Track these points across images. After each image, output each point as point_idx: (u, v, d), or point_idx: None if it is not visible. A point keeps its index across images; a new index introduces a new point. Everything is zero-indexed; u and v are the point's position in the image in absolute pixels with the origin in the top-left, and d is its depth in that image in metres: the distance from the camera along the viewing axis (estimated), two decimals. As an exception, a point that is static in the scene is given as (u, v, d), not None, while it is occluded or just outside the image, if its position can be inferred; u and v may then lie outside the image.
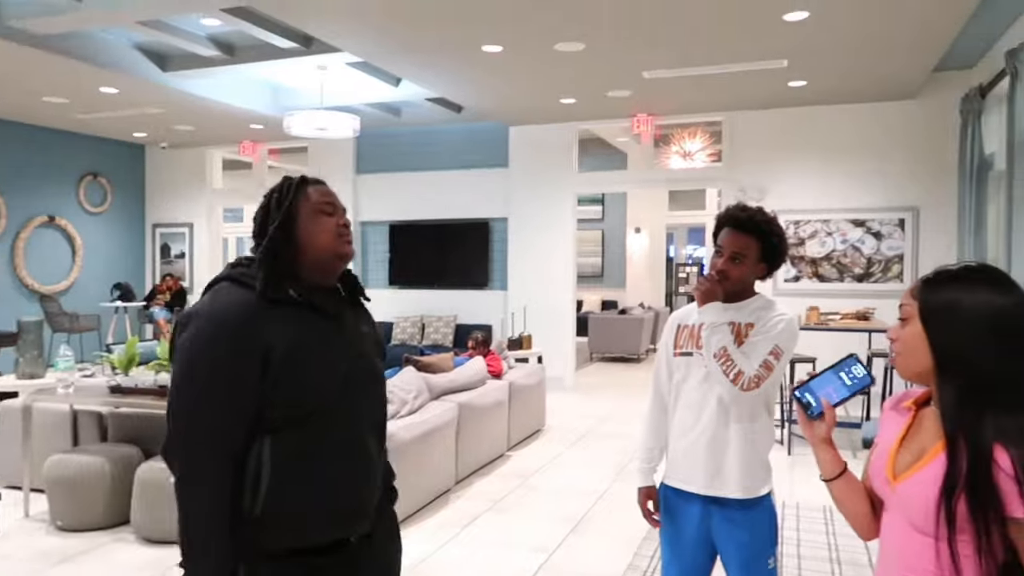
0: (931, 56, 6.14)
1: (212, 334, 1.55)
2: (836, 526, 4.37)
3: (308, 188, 1.72)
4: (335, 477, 1.62)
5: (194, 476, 1.53)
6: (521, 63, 6.33)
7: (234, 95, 8.19)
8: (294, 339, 1.58)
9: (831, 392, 1.44)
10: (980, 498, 1.17)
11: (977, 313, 1.24)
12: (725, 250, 2.20)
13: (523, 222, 9.17)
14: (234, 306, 1.58)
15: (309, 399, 1.59)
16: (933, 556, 1.23)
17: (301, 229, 1.66)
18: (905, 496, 1.29)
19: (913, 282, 1.35)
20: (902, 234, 7.60)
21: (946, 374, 1.26)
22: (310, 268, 1.67)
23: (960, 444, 1.20)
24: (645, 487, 2.36)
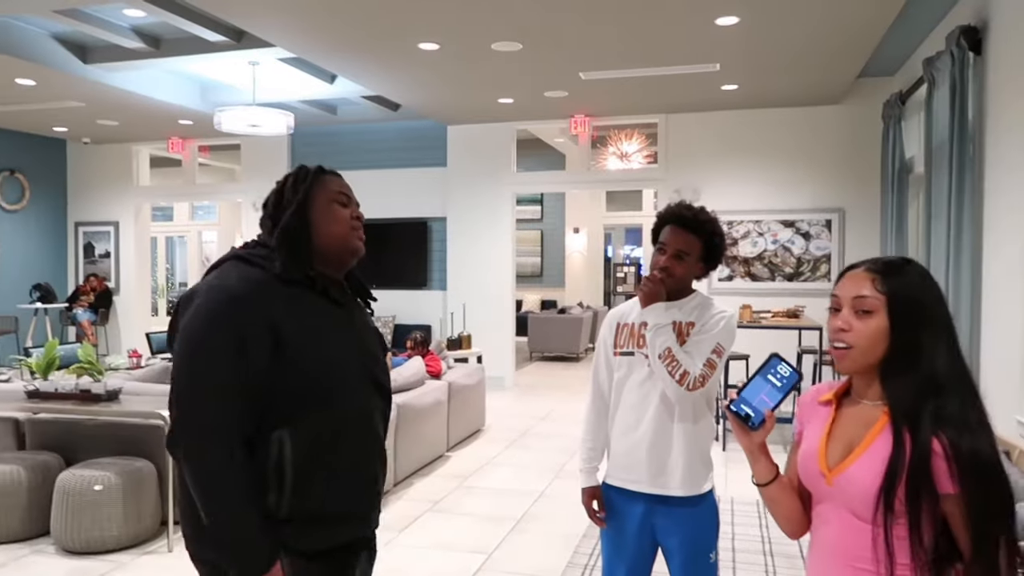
0: (855, 63, 6.36)
1: (218, 307, 1.50)
2: (769, 519, 4.48)
3: (325, 177, 1.70)
4: (357, 468, 1.61)
5: (205, 454, 1.46)
6: (458, 62, 6.30)
7: (161, 90, 7.92)
8: (307, 319, 1.56)
9: (765, 398, 1.42)
10: (919, 483, 1.23)
11: (937, 308, 1.31)
12: (669, 247, 2.20)
13: (462, 221, 9.14)
14: (243, 281, 1.54)
15: (325, 378, 1.56)
16: (870, 542, 1.28)
17: (316, 217, 1.64)
18: (843, 487, 1.32)
19: (856, 272, 1.35)
20: (829, 235, 7.85)
21: (901, 366, 1.29)
22: (321, 258, 1.64)
23: (905, 433, 1.25)
24: (589, 487, 2.35)
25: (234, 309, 1.49)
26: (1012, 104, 4.05)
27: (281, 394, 1.51)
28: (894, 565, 1.26)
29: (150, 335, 8.70)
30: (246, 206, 10.11)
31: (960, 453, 1.22)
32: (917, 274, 1.33)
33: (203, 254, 14.81)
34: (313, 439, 1.53)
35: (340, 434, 1.57)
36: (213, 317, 1.49)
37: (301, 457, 1.51)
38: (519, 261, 11.01)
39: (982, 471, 1.21)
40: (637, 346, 2.25)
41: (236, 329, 1.48)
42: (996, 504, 1.22)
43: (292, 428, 1.51)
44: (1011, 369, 4.00)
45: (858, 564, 1.30)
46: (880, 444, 1.29)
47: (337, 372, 1.58)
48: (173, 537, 4.05)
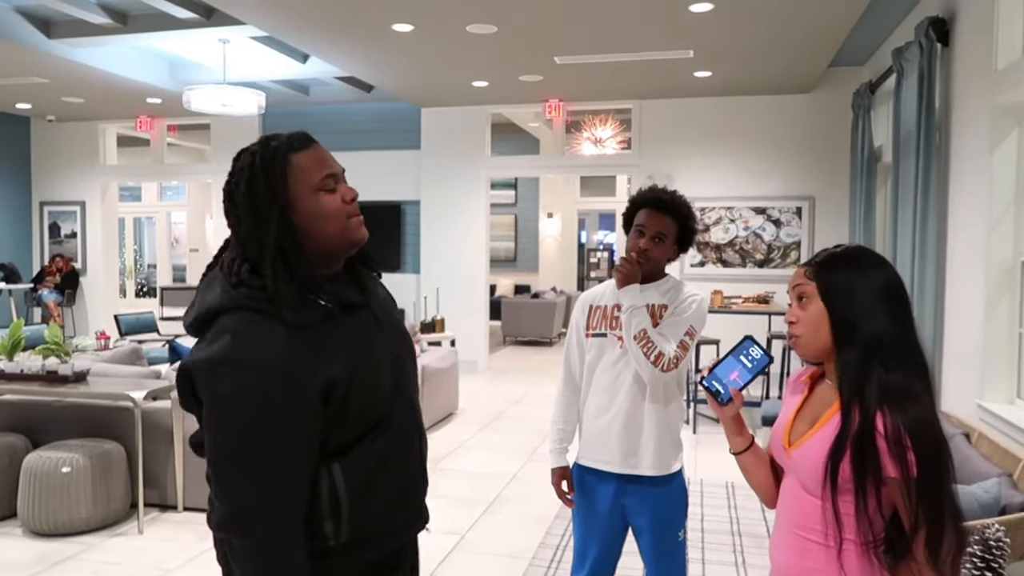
0: (826, 53, 6.43)
1: (261, 388, 1.28)
2: (737, 500, 4.57)
3: (298, 158, 1.36)
4: (410, 472, 1.50)
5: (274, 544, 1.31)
6: (433, 44, 6.26)
7: (128, 67, 7.76)
8: (340, 353, 1.36)
9: (735, 378, 1.50)
10: (863, 457, 1.28)
11: (871, 285, 1.36)
12: (648, 229, 2.23)
13: (436, 205, 9.11)
14: (272, 348, 1.30)
15: (375, 409, 1.41)
16: (820, 516, 1.34)
17: (302, 219, 1.35)
18: (798, 461, 1.39)
19: (800, 266, 1.44)
20: (799, 222, 7.96)
21: (845, 344, 1.35)
22: (318, 260, 1.39)
23: (853, 409, 1.30)
24: (559, 468, 2.39)
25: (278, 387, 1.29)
26: (977, 95, 4.13)
27: (334, 433, 1.36)
28: (842, 540, 1.31)
29: (118, 317, 8.59)
30: (216, 187, 9.98)
31: (902, 430, 1.26)
32: (846, 251, 1.40)
33: (172, 235, 14.61)
34: (365, 462, 1.40)
35: (393, 449, 1.45)
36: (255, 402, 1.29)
37: (355, 483, 1.38)
38: (493, 245, 11.01)
39: (923, 441, 1.25)
40: (610, 328, 2.29)
41: (286, 410, 1.30)
42: (936, 471, 1.25)
43: (342, 458, 1.37)
44: (972, 355, 4.11)
45: (809, 536, 1.37)
46: (833, 423, 1.35)
47: (381, 393, 1.42)
48: (144, 519, 4.03)
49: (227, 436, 1.30)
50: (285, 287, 1.33)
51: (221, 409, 1.30)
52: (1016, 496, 2.49)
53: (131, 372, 4.58)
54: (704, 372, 1.52)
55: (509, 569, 3.62)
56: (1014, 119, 3.85)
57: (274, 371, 1.29)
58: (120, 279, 12.64)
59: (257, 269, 1.35)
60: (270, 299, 1.32)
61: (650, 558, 2.30)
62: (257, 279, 1.34)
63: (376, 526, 1.44)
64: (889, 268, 1.39)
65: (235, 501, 1.31)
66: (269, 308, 1.32)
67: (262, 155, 1.36)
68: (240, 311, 1.32)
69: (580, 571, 2.35)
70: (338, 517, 1.38)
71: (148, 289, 15.33)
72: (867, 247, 1.44)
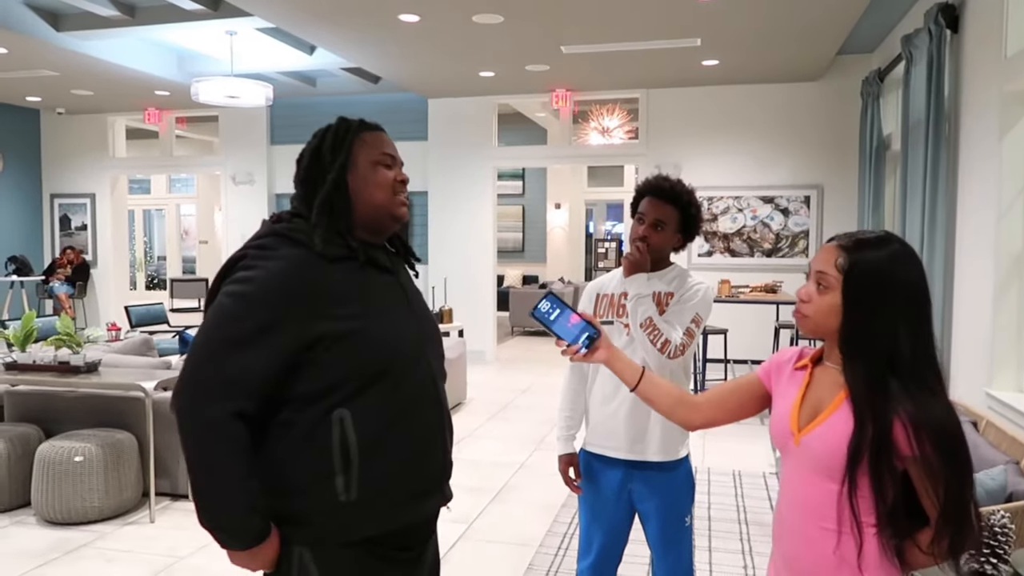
0: (834, 40, 6.39)
1: (259, 289, 1.41)
2: (744, 489, 4.58)
3: (366, 135, 1.58)
4: (427, 436, 1.54)
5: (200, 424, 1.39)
6: (439, 34, 6.26)
7: (136, 59, 7.79)
8: (358, 297, 1.48)
9: (570, 328, 1.58)
10: (880, 459, 1.29)
11: (895, 297, 1.32)
12: (647, 217, 2.26)
13: (443, 196, 9.12)
14: (289, 261, 1.45)
15: (384, 354, 1.48)
16: (834, 502, 1.33)
17: (356, 183, 1.54)
18: (810, 446, 1.37)
19: (829, 244, 1.38)
20: (808, 211, 7.94)
21: (854, 346, 1.34)
22: (362, 224, 1.55)
23: (867, 415, 1.29)
24: (566, 454, 2.40)
25: (276, 300, 1.42)
26: (987, 82, 4.11)
27: (340, 376, 1.44)
28: (861, 524, 1.31)
29: (129, 308, 8.65)
30: (224, 179, 10.02)
31: (923, 425, 1.26)
32: (889, 252, 1.33)
33: (181, 227, 14.67)
34: (377, 416, 1.46)
35: (405, 409, 1.50)
36: (251, 302, 1.42)
37: (366, 435, 1.45)
38: (500, 236, 11.02)
39: (946, 441, 1.26)
40: (617, 315, 2.31)
41: (275, 315, 1.41)
42: (962, 470, 1.27)
43: (354, 407, 1.44)
44: (981, 344, 4.10)
45: (823, 524, 1.36)
46: (843, 411, 1.34)
47: (396, 345, 1.51)
48: (155, 508, 4.07)
49: (209, 316, 1.45)
50: (325, 223, 1.49)
51: (221, 298, 1.45)
52: (1023, 483, 2.49)
53: (142, 363, 4.62)
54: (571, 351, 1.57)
55: (516, 557, 3.65)
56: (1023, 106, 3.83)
57: (274, 275, 1.43)
58: (130, 271, 12.72)
59: (300, 214, 1.53)
60: (306, 231, 1.48)
61: (657, 544, 2.32)
62: (296, 218, 1.53)
63: (388, 488, 1.47)
64: (918, 269, 1.34)
65: (182, 372, 1.43)
66: (296, 236, 1.48)
67: (337, 126, 1.58)
68: (271, 236, 1.50)
69: (586, 558, 2.37)
70: (349, 472, 1.44)
71: (158, 281, 15.40)
72: (906, 244, 1.36)
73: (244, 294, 1.42)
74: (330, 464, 1.44)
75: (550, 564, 3.55)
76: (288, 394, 1.45)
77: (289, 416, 1.45)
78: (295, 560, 1.46)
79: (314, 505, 1.45)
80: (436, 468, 1.59)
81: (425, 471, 1.56)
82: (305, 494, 1.45)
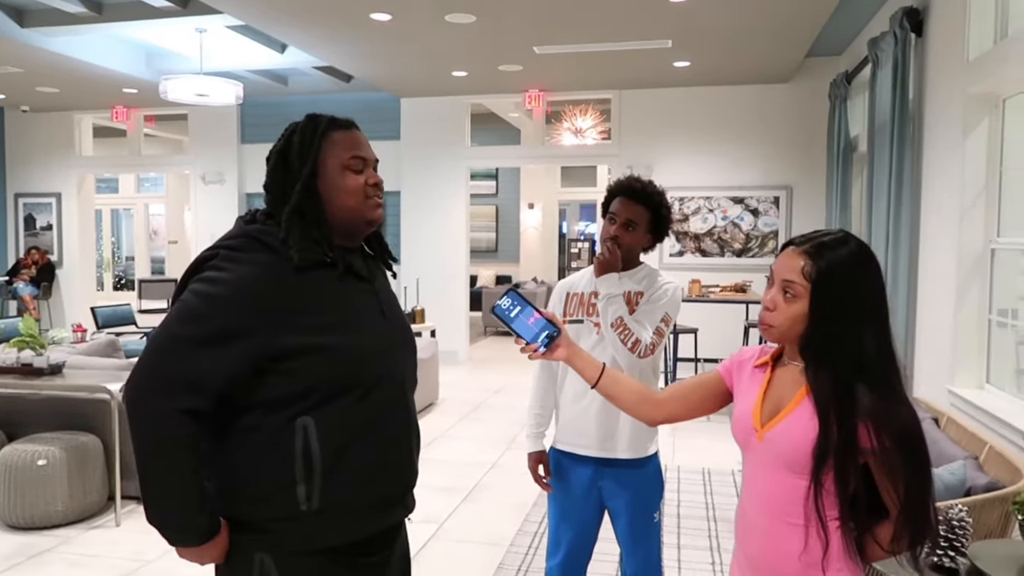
0: (803, 42, 6.47)
1: (222, 290, 1.38)
2: (713, 486, 4.63)
3: (335, 135, 1.51)
4: (391, 447, 1.50)
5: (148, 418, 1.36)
6: (411, 33, 6.24)
7: (104, 56, 7.67)
8: (328, 307, 1.44)
9: (531, 325, 1.57)
10: (845, 461, 1.31)
11: (861, 303, 1.34)
12: (619, 217, 2.28)
13: (416, 195, 9.09)
14: (257, 266, 1.41)
15: (352, 368, 1.45)
16: (799, 497, 1.35)
17: (325, 186, 1.48)
18: (773, 442, 1.39)
19: (792, 251, 1.38)
20: (777, 211, 8.03)
21: (822, 355, 1.35)
22: (336, 230, 1.50)
23: (832, 421, 1.31)
24: (535, 452, 2.42)
25: (247, 300, 1.38)
26: (950, 84, 4.19)
27: (306, 386, 1.41)
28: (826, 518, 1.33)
29: (95, 309, 8.51)
30: (194, 178, 9.90)
31: (885, 427, 1.29)
32: (851, 257, 1.35)
33: (150, 227, 14.47)
34: (342, 425, 1.43)
35: (371, 419, 1.47)
36: (217, 304, 1.38)
37: (330, 445, 1.42)
38: (474, 236, 11.01)
39: (908, 442, 1.29)
40: (587, 314, 2.33)
41: (238, 323, 1.38)
42: (922, 470, 1.30)
43: (319, 415, 1.41)
44: (943, 342, 4.18)
45: (788, 519, 1.37)
46: (805, 406, 1.36)
47: (366, 357, 1.48)
48: (121, 512, 4.02)
49: (169, 315, 1.42)
50: (296, 232, 1.44)
51: (183, 298, 1.41)
52: (981, 478, 2.54)
53: (108, 364, 4.55)
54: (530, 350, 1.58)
55: (487, 556, 3.65)
56: (985, 109, 3.91)
57: (239, 278, 1.39)
58: (97, 272, 12.52)
59: (272, 215, 1.49)
60: (274, 235, 1.44)
61: (626, 540, 2.34)
62: (268, 219, 1.49)
63: (350, 497, 1.45)
64: (878, 270, 1.37)
65: (135, 367, 1.40)
66: (268, 240, 1.44)
67: (304, 125, 1.52)
68: (242, 238, 1.45)
69: (555, 556, 2.38)
70: (311, 481, 1.41)
71: (126, 282, 15.18)
72: (862, 243, 1.39)
73: (211, 295, 1.39)
74: (292, 472, 1.41)
75: (520, 563, 3.56)
76: (253, 399, 1.42)
77: (252, 421, 1.42)
78: (256, 566, 1.43)
79: (275, 513, 1.43)
80: (401, 479, 1.57)
81: (389, 482, 1.53)
82: (266, 501, 1.42)
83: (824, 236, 1.38)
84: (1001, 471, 2.71)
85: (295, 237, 1.43)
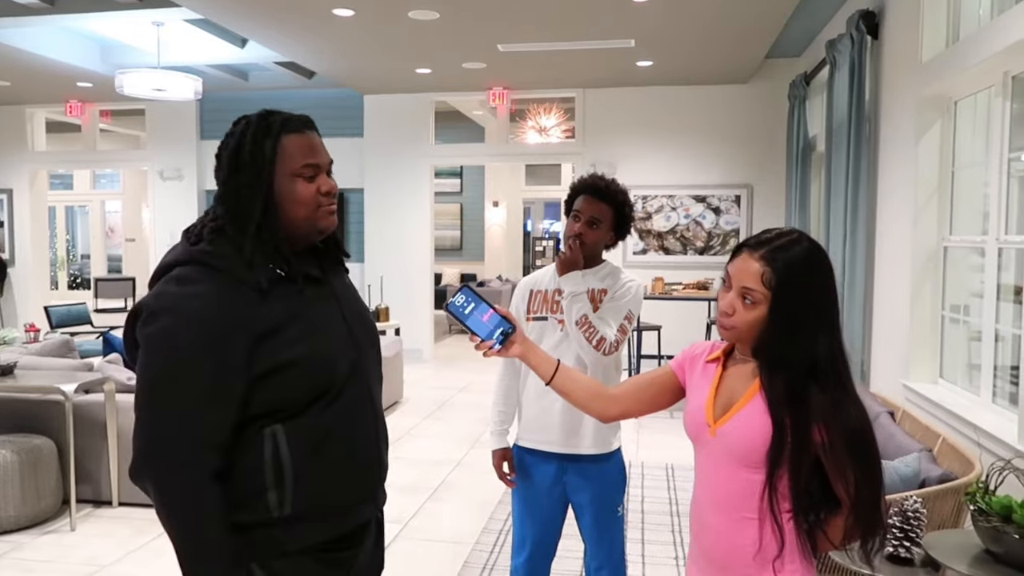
0: (762, 44, 6.57)
1: (191, 328, 1.33)
2: (677, 482, 4.68)
3: (286, 140, 1.44)
4: (359, 448, 1.48)
5: (180, 491, 1.33)
6: (374, 29, 6.19)
7: (57, 49, 7.47)
8: (287, 317, 1.40)
9: (485, 322, 1.56)
10: (801, 458, 1.33)
11: (818, 307, 1.36)
12: (583, 215, 2.30)
13: (379, 193, 9.03)
14: (214, 298, 1.35)
15: (322, 377, 1.42)
16: (753, 491, 1.37)
17: (278, 199, 1.42)
18: (725, 437, 1.41)
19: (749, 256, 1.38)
20: (738, 210, 8.14)
21: (779, 360, 1.36)
22: (287, 238, 1.45)
23: (786, 425, 1.33)
24: (500, 449, 2.42)
25: (205, 336, 1.33)
26: (904, 86, 4.28)
27: (275, 401, 1.39)
28: (779, 511, 1.35)
29: (48, 308, 8.30)
30: (152, 174, 9.70)
31: (837, 428, 1.31)
32: (806, 261, 1.36)
33: (106, 224, 14.15)
34: (310, 432, 1.42)
35: (339, 423, 1.46)
36: (179, 348, 1.33)
37: (299, 450, 1.41)
38: (438, 234, 10.98)
39: (857, 444, 1.32)
40: (551, 311, 2.34)
41: (210, 361, 1.34)
42: (872, 471, 1.33)
43: (287, 422, 1.40)
44: (898, 337, 4.27)
45: (742, 513, 1.39)
46: (757, 402, 1.38)
47: (331, 365, 1.45)
48: (76, 516, 3.92)
49: (146, 376, 1.35)
50: (252, 247, 1.39)
51: (147, 351, 1.36)
52: (935, 470, 2.61)
53: (62, 365, 4.44)
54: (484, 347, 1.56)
55: (451, 555, 3.64)
56: (937, 110, 4.01)
57: (201, 320, 1.34)
58: (51, 270, 12.20)
59: (222, 229, 1.43)
60: (222, 255, 1.39)
61: (590, 535, 2.35)
62: (217, 238, 1.42)
63: (321, 501, 1.44)
64: (831, 272, 1.38)
65: (141, 442, 1.34)
66: (218, 263, 1.38)
67: (256, 127, 1.44)
68: (190, 264, 1.39)
69: (521, 553, 2.39)
70: (282, 488, 1.40)
71: (81, 280, 14.82)
72: (815, 243, 1.40)
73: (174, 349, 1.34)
74: (262, 480, 1.40)
75: (486, 561, 3.55)
76: None
77: None
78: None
79: (248, 519, 1.41)
80: (370, 480, 1.56)
81: (359, 484, 1.53)
82: (239, 509, 1.40)
83: (779, 239, 1.38)
84: (954, 463, 2.78)
85: (259, 258, 1.40)
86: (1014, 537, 1.93)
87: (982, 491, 2.08)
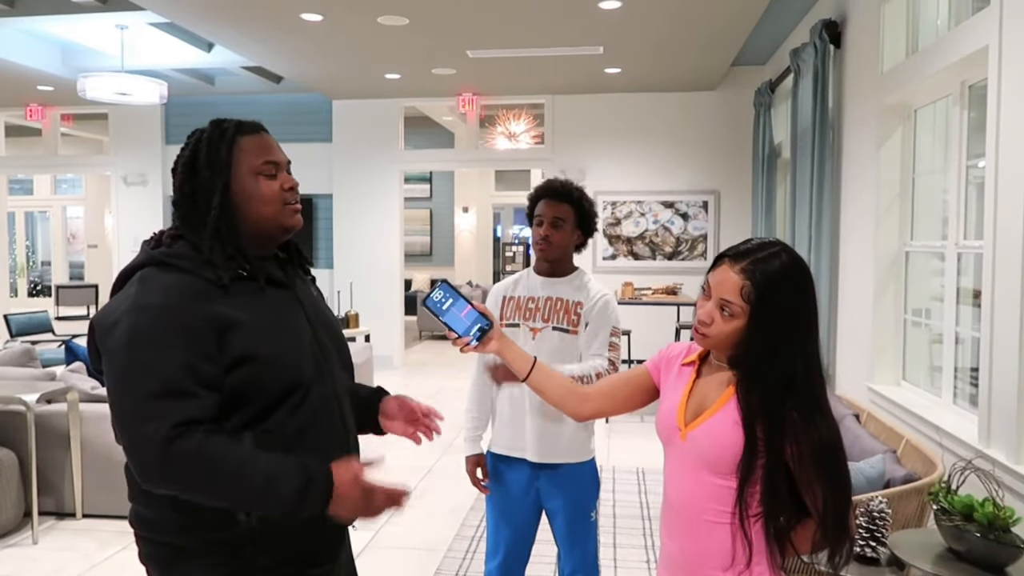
0: (729, 51, 6.66)
1: (154, 321, 1.31)
2: (648, 486, 4.71)
3: (242, 141, 1.45)
4: (329, 455, 1.43)
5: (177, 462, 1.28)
6: (343, 35, 6.16)
7: (16, 51, 7.31)
8: (249, 318, 1.38)
9: (463, 318, 1.56)
10: (774, 472, 1.34)
11: (798, 323, 1.36)
12: (546, 217, 2.33)
13: (348, 198, 8.98)
14: (174, 291, 1.34)
15: (286, 378, 1.40)
16: (722, 495, 1.38)
17: (239, 197, 1.42)
18: (696, 441, 1.42)
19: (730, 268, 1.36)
20: (706, 215, 8.24)
21: (756, 374, 1.36)
22: (250, 240, 1.44)
23: (759, 440, 1.34)
24: (473, 455, 2.43)
25: (171, 318, 1.31)
26: (866, 95, 4.38)
27: (237, 399, 1.36)
28: (748, 516, 1.36)
29: (8, 317, 8.11)
30: (115, 179, 9.53)
31: (807, 444, 1.32)
32: (787, 276, 1.35)
33: (68, 230, 13.87)
34: (276, 439, 1.39)
35: (305, 429, 1.43)
36: (146, 334, 1.31)
37: None
38: (408, 240, 10.94)
39: (827, 460, 1.33)
40: (523, 318, 2.35)
41: (179, 338, 1.31)
42: (840, 486, 1.34)
43: (253, 430, 1.37)
44: (863, 341, 4.36)
45: (710, 517, 1.39)
46: (730, 408, 1.39)
47: (295, 367, 1.43)
48: (39, 528, 3.83)
49: (125, 379, 1.31)
50: (210, 245, 1.39)
51: (115, 350, 1.32)
52: (899, 470, 2.66)
53: (23, 374, 4.34)
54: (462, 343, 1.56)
55: (424, 562, 3.63)
56: (898, 118, 4.10)
57: (170, 308, 1.32)
58: (11, 277, 11.92)
59: (180, 236, 1.43)
60: (190, 257, 1.39)
61: (564, 540, 2.36)
62: (175, 241, 1.42)
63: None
64: (812, 287, 1.39)
65: (144, 447, 1.29)
66: (177, 262, 1.38)
67: (211, 133, 1.45)
68: (149, 266, 1.39)
69: (494, 558, 2.39)
70: None
71: (42, 287, 14.50)
72: (797, 257, 1.39)
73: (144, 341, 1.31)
74: None
75: (458, 568, 3.55)
76: None
77: None
78: None
79: (217, 535, 1.38)
80: None
81: None
82: (208, 523, 1.37)
83: (760, 251, 1.36)
84: (917, 463, 2.84)
85: (218, 255, 1.39)
86: (975, 535, 1.98)
87: (944, 491, 2.13)
